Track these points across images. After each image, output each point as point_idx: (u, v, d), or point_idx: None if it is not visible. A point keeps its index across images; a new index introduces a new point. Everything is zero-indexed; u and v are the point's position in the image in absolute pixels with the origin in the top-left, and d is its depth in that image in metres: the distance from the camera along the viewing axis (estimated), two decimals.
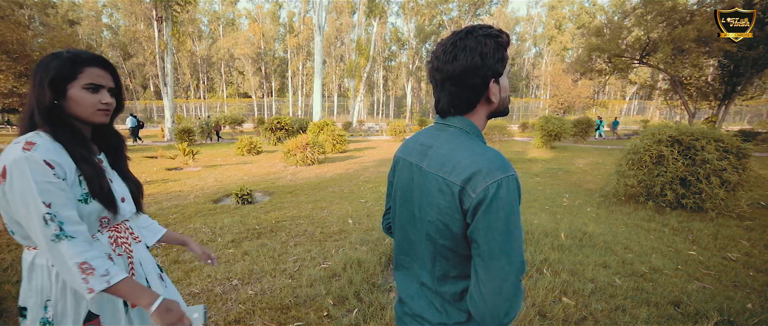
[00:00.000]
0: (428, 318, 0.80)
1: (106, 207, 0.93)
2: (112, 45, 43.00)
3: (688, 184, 4.34)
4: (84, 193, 0.90)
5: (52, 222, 0.80)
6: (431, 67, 0.78)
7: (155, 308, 0.86)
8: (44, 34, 20.52)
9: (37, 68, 0.90)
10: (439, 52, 0.75)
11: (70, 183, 0.87)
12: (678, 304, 2.23)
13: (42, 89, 0.88)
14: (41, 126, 0.89)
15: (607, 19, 17.84)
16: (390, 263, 2.97)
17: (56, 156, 0.85)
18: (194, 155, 9.05)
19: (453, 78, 0.73)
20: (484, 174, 0.65)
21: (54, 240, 0.80)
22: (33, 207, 0.80)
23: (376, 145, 14.42)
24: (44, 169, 0.81)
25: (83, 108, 0.92)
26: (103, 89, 0.95)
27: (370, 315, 2.15)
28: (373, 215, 4.38)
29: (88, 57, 0.93)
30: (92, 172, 0.91)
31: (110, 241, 0.98)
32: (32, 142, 0.83)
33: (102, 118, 0.96)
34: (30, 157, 0.81)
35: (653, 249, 3.27)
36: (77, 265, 0.80)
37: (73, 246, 0.81)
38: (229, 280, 2.64)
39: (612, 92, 44.11)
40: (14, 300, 2.27)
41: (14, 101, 16.26)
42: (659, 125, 5.11)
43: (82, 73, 0.91)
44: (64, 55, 0.90)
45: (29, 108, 0.91)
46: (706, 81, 15.10)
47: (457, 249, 0.74)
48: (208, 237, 3.57)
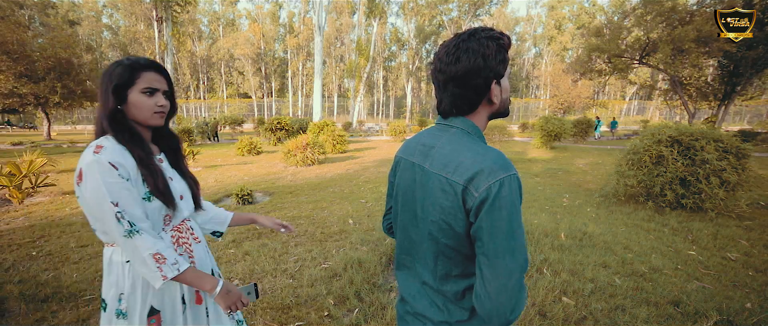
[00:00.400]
0: (430, 317, 0.81)
1: (165, 204, 0.99)
2: (112, 45, 42.99)
3: (687, 184, 4.34)
4: (147, 192, 0.96)
5: (123, 219, 0.89)
6: (434, 69, 0.78)
7: (218, 291, 0.97)
8: (44, 35, 20.49)
9: (104, 77, 0.97)
10: (442, 53, 0.76)
11: (133, 182, 0.94)
12: (677, 304, 2.23)
13: (107, 96, 0.96)
14: (108, 130, 0.96)
15: (606, 20, 17.86)
16: (390, 263, 2.98)
17: (120, 157, 0.92)
18: (194, 155, 9.06)
19: (456, 79, 0.74)
20: (487, 173, 0.67)
21: (127, 235, 0.89)
22: (105, 205, 0.88)
23: (376, 146, 14.43)
24: (110, 170, 0.89)
25: (141, 111, 0.98)
26: (158, 92, 1.00)
27: (371, 315, 2.16)
28: (374, 215, 4.38)
29: (145, 63, 0.99)
30: (149, 172, 0.97)
31: (173, 240, 1.04)
32: (101, 146, 0.91)
33: (158, 121, 1.02)
34: (98, 160, 0.88)
35: (653, 249, 3.27)
36: (151, 256, 0.90)
37: (145, 240, 0.90)
38: (230, 280, 2.65)
39: (612, 92, 44.14)
40: (16, 300, 2.27)
41: (14, 102, 16.23)
42: (659, 125, 5.12)
43: (139, 78, 0.97)
44: (124, 63, 0.97)
45: (98, 114, 0.99)
46: (705, 81, 15.11)
47: (459, 248, 0.74)
48: (209, 237, 3.57)
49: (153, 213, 0.97)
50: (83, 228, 3.85)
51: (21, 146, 14.14)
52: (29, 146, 13.22)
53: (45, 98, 16.36)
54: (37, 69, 15.97)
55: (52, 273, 2.75)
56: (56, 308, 2.24)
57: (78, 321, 2.13)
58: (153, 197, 0.96)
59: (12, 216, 4.33)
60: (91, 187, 0.88)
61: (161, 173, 1.00)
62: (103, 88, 0.96)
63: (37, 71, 16.00)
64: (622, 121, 34.32)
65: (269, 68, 43.58)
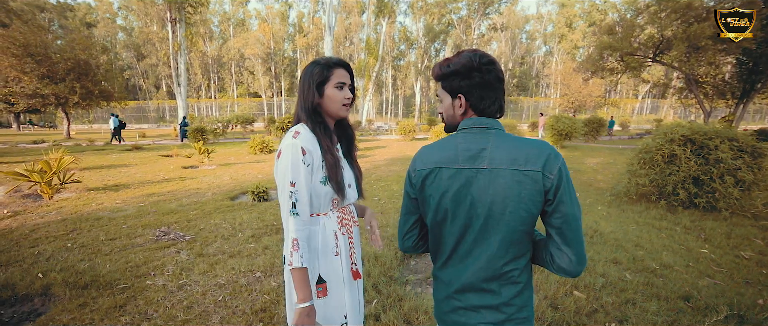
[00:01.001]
0: (487, 304, 0.90)
1: (336, 191, 1.12)
2: (126, 46, 44.01)
3: (701, 183, 4.33)
4: (324, 176, 1.11)
5: (291, 198, 1.04)
6: (499, 74, 0.91)
7: (301, 307, 0.99)
8: (64, 37, 21.14)
9: (305, 76, 1.14)
10: (498, 62, 0.92)
11: (315, 168, 1.09)
12: (688, 298, 2.28)
13: (310, 91, 1.12)
14: (304, 120, 1.13)
15: (619, 17, 17.59)
16: (405, 258, 3.08)
17: (310, 144, 1.08)
18: (209, 154, 9.30)
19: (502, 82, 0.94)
20: (553, 158, 0.85)
21: (290, 212, 1.03)
22: (286, 181, 1.04)
23: (386, 144, 14.53)
24: (299, 154, 1.04)
25: (334, 103, 1.14)
26: (346, 86, 1.15)
27: (388, 306, 2.26)
28: (387, 212, 4.49)
29: (336, 61, 1.14)
30: (332, 162, 1.12)
31: (338, 220, 1.17)
32: (298, 132, 1.09)
33: (345, 112, 1.17)
34: (294, 144, 1.05)
35: (664, 247, 3.30)
36: (293, 239, 1.02)
37: (297, 222, 1.03)
38: (252, 272, 2.79)
39: (624, 91, 43.34)
40: (60, 286, 2.45)
41: (37, 102, 16.84)
42: (671, 124, 5.09)
43: (333, 75, 1.13)
44: (321, 62, 1.13)
45: (297, 106, 1.17)
46: (722, 79, 14.78)
47: (530, 230, 0.88)
48: (229, 233, 3.73)
49: (325, 195, 1.11)
50: (110, 223, 4.05)
51: (43, 144, 14.67)
52: (52, 144, 13.71)
53: (65, 98, 16.93)
54: (58, 70, 16.56)
55: (87, 263, 2.93)
56: (96, 295, 2.41)
57: (116, 306, 2.29)
58: (328, 182, 1.10)
59: (45, 210, 4.57)
60: (283, 164, 1.04)
61: (339, 164, 1.14)
62: (306, 86, 1.13)
63: (57, 72, 16.59)
64: (635, 120, 33.70)
65: (279, 68, 44.05)
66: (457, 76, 0.91)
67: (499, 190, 0.85)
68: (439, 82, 0.96)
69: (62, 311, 2.23)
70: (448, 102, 0.95)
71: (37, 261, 2.94)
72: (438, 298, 1.01)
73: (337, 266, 1.15)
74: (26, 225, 3.93)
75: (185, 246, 3.36)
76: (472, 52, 0.90)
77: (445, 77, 0.93)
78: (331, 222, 1.15)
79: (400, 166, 8.49)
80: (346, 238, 1.18)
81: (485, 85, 0.89)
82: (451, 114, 0.96)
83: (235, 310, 2.27)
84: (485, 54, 0.90)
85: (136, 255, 3.11)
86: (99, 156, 10.74)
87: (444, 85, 0.94)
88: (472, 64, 0.88)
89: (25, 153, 11.31)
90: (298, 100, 1.16)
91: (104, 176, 7.23)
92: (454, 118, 0.96)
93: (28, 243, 3.37)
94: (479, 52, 0.90)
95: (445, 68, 0.92)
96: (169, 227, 3.90)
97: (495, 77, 0.89)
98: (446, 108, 0.96)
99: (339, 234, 1.15)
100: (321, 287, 1.12)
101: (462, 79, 0.90)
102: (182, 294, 2.46)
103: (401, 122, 17.89)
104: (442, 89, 0.95)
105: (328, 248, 1.13)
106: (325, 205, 1.13)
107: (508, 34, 42.33)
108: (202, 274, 2.77)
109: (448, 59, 0.94)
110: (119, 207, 4.76)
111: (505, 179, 0.84)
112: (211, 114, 41.06)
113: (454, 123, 0.97)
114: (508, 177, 0.84)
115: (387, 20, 27.65)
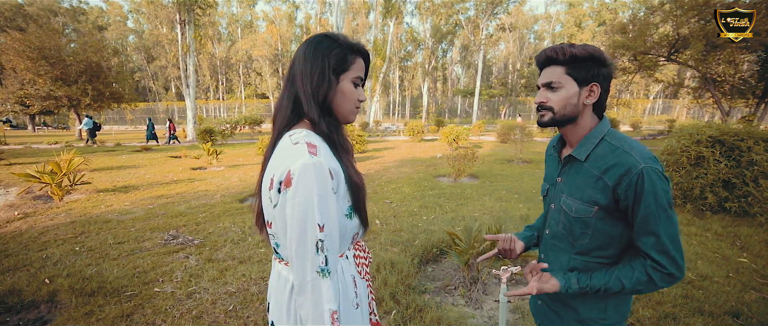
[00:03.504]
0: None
1: (361, 223, 0.81)
2: (137, 48, 44.70)
3: (732, 187, 4.11)
4: (349, 207, 0.77)
5: (322, 251, 0.67)
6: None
7: None
8: (76, 40, 21.50)
9: (315, 53, 0.77)
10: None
11: (340, 196, 0.73)
12: (736, 315, 2.10)
13: (323, 75, 0.76)
14: (313, 121, 0.77)
15: (631, 16, 17.19)
16: (422, 264, 2.94)
17: (335, 163, 0.73)
18: (217, 155, 9.27)
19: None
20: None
21: (320, 273, 0.67)
22: (310, 227, 0.66)
23: (395, 146, 14.39)
24: (327, 180, 0.68)
25: (347, 103, 0.81)
26: (360, 84, 0.84)
27: (408, 317, 2.13)
28: (400, 215, 4.36)
29: (359, 46, 0.82)
30: (360, 185, 0.78)
31: (355, 261, 0.88)
32: (314, 144, 0.72)
33: (354, 118, 0.85)
34: (318, 164, 0.67)
35: (697, 255, 3.11)
36: (331, 312, 0.67)
37: (331, 288, 0.68)
38: (263, 280, 2.68)
39: (635, 91, 42.54)
40: (67, 292, 2.37)
41: (51, 103, 17.13)
42: (692, 124, 4.87)
43: (354, 64, 0.80)
44: (341, 42, 0.79)
45: (296, 94, 0.78)
46: (741, 77, 14.30)
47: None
48: (238, 237, 3.63)
49: (349, 233, 0.79)
50: (119, 226, 3.99)
51: (56, 145, 14.87)
52: (65, 145, 13.88)
53: (77, 100, 17.19)
54: (71, 72, 16.84)
55: (95, 268, 2.85)
56: (102, 302, 2.32)
57: (123, 315, 2.20)
58: (354, 215, 0.78)
59: (55, 212, 4.53)
60: (303, 199, 0.66)
61: (363, 181, 0.81)
62: (317, 65, 0.76)
63: (70, 75, 16.87)
64: (646, 120, 32.98)
65: (286, 69, 44.25)
66: (594, 62, 0.85)
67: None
68: (563, 66, 0.87)
69: (68, 319, 2.14)
70: (573, 90, 0.86)
71: (44, 266, 2.87)
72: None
73: (358, 320, 0.85)
74: (36, 228, 3.88)
75: (194, 250, 3.27)
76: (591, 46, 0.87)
77: (576, 61, 0.85)
78: (348, 265, 0.84)
79: (411, 168, 8.35)
80: (364, 284, 0.90)
81: (610, 79, 0.89)
82: (573, 103, 0.87)
83: (247, 321, 2.16)
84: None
85: (144, 260, 3.03)
86: (108, 157, 10.81)
87: (570, 71, 0.86)
88: (603, 55, 0.85)
89: (38, 154, 11.44)
90: (299, 86, 0.77)
91: (113, 177, 7.22)
92: (577, 108, 0.88)
93: (37, 247, 3.31)
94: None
95: (576, 49, 0.85)
96: (177, 230, 3.82)
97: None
98: (569, 97, 0.87)
99: (358, 280, 0.86)
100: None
101: (600, 66, 0.86)
102: (191, 303, 2.36)
103: (409, 123, 17.74)
104: (567, 74, 0.86)
105: (348, 300, 0.81)
106: (345, 244, 0.81)
107: (516, 35, 41.88)
108: (212, 281, 2.66)
109: (569, 43, 0.87)
110: (128, 210, 4.71)
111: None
112: (219, 115, 41.41)
113: (573, 115, 0.89)
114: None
115: (394, 21, 27.55)
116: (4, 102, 19.54)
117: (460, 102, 45.02)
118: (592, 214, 0.85)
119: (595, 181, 0.85)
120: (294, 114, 0.79)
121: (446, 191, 5.78)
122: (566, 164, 0.94)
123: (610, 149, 0.84)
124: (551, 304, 1.01)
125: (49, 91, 16.26)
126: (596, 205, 0.84)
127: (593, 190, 0.85)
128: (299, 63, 0.79)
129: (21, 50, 15.40)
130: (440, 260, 3.07)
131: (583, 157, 0.88)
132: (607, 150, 0.85)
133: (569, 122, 0.90)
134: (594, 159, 0.86)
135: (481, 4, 32.45)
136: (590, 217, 0.86)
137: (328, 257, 0.68)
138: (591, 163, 0.87)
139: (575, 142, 0.92)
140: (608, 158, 0.83)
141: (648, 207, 0.78)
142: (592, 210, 0.85)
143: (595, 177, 0.85)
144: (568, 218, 0.91)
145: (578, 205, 0.88)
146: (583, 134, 0.90)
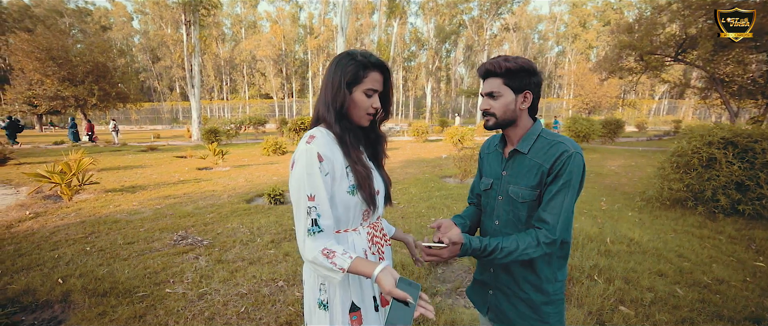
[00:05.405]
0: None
1: (365, 201, 0.97)
2: (142, 49, 45.01)
3: (745, 189, 4.05)
4: (351, 185, 0.95)
5: (310, 214, 0.88)
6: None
7: (378, 274, 0.84)
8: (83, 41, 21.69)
9: (336, 68, 0.96)
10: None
11: (337, 176, 0.93)
12: (758, 321, 2.06)
13: (340, 89, 0.95)
14: (326, 122, 0.97)
15: (638, 15, 17.03)
16: (432, 266, 2.93)
17: (328, 150, 0.92)
18: (223, 155, 9.31)
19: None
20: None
21: (308, 232, 0.88)
22: (302, 195, 0.88)
23: (399, 146, 14.37)
24: (315, 161, 0.89)
25: (358, 110, 0.98)
26: (375, 94, 0.99)
27: (421, 320, 2.11)
28: (408, 217, 4.34)
29: (375, 61, 0.98)
30: (365, 174, 0.97)
31: (368, 237, 1.03)
32: (313, 136, 0.93)
33: (366, 122, 1.01)
34: (309, 150, 0.89)
35: (712, 259, 3.07)
36: (321, 251, 0.87)
37: (316, 239, 0.88)
38: (274, 281, 2.67)
39: (640, 91, 42.20)
40: (80, 293, 2.38)
41: (58, 104, 17.29)
42: (700, 125, 4.82)
43: (366, 78, 0.96)
44: (358, 59, 0.96)
45: (320, 104, 0.99)
46: (751, 78, 14.13)
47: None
48: (247, 238, 3.63)
49: (354, 207, 0.96)
50: (128, 226, 4.01)
51: (63, 145, 15.00)
52: (72, 145, 14.00)
53: (84, 100, 17.34)
54: (78, 73, 16.99)
55: (106, 268, 2.86)
56: (115, 303, 2.33)
57: (135, 316, 2.20)
58: (356, 191, 0.95)
59: (65, 212, 4.57)
60: (297, 175, 0.89)
61: (368, 170, 0.98)
62: (335, 80, 0.95)
63: (77, 75, 17.02)
64: (652, 121, 32.69)
65: (290, 69, 44.37)
66: (525, 72, 0.99)
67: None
68: (500, 78, 1.01)
69: (82, 320, 2.15)
70: (510, 97, 1.01)
71: (57, 266, 2.89)
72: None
73: (369, 291, 1.01)
74: (47, 228, 3.91)
75: (204, 251, 3.27)
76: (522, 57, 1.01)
77: (511, 73, 0.99)
78: (361, 239, 1.00)
79: (417, 169, 8.33)
80: (376, 259, 1.02)
81: (540, 86, 1.04)
82: (511, 109, 1.02)
83: (259, 323, 2.15)
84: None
85: (154, 260, 3.03)
86: (115, 156, 10.88)
87: (506, 81, 1.00)
88: (533, 66, 1.00)
89: (46, 153, 11.55)
90: (322, 96, 0.98)
91: (121, 177, 7.27)
92: (515, 112, 1.03)
93: (49, 247, 3.33)
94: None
95: (510, 62, 0.98)
96: (186, 231, 3.83)
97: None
98: (507, 103, 1.02)
99: (369, 254, 1.01)
100: (355, 315, 0.99)
101: (531, 76, 1.01)
102: (203, 304, 2.36)
103: (414, 123, 17.73)
104: (504, 85, 1.01)
105: None
106: (354, 219, 0.99)
107: (520, 35, 41.71)
108: (223, 282, 2.66)
109: (504, 56, 1.00)
110: (136, 210, 4.73)
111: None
112: (223, 115, 41.60)
113: (512, 119, 1.04)
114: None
115: (398, 21, 27.55)
116: (12, 102, 19.76)
117: (464, 102, 44.92)
118: (535, 198, 1.00)
119: (537, 169, 0.99)
120: (318, 116, 1.00)
121: (454, 192, 5.75)
122: (511, 158, 1.08)
123: (548, 143, 1.01)
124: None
125: (56, 91, 16.42)
126: (537, 189, 1.00)
127: (535, 177, 1.00)
128: (326, 76, 0.99)
129: (29, 51, 15.57)
130: (450, 262, 3.05)
131: (526, 149, 1.03)
132: (544, 143, 1.01)
133: (510, 125, 1.05)
134: (534, 151, 1.02)
135: (485, 4, 32.36)
136: (534, 201, 1.01)
137: (316, 220, 0.89)
138: (532, 154, 1.02)
139: (516, 140, 1.07)
140: (547, 149, 0.99)
141: (568, 178, 0.95)
142: (535, 194, 1.00)
143: (537, 165, 1.00)
144: (515, 205, 1.04)
145: (524, 191, 1.02)
146: (522, 133, 1.06)
